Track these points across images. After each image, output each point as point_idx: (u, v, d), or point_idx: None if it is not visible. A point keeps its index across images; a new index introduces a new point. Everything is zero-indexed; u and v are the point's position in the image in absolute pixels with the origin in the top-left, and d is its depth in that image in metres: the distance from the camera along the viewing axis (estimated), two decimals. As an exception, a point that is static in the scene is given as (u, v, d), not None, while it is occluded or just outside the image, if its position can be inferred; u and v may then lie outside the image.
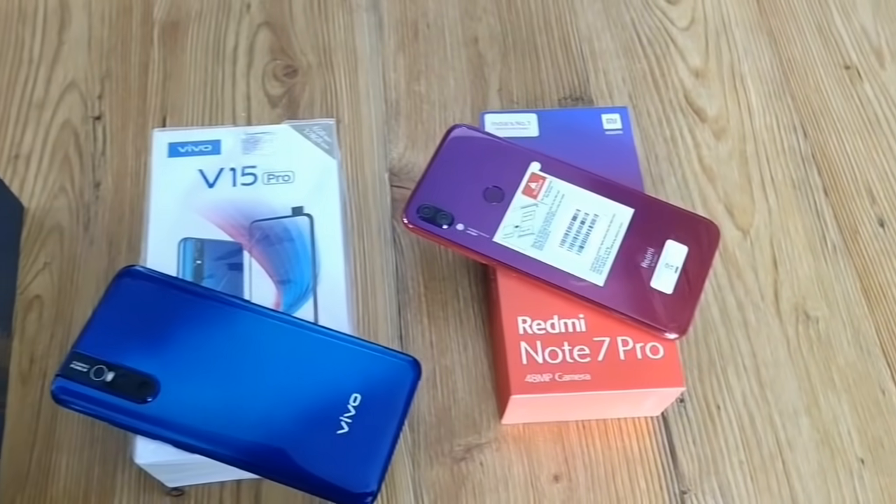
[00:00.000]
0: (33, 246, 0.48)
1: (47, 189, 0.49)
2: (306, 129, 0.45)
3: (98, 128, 0.52)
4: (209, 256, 0.41)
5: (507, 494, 0.42)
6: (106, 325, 0.38)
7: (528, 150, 0.45)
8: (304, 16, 0.57)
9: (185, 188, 0.43)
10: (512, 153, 0.45)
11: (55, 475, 0.42)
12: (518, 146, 0.45)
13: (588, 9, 0.59)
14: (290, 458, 0.36)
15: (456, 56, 0.56)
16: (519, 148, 0.45)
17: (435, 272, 0.48)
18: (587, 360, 0.40)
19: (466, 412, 0.44)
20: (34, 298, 0.46)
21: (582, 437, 0.44)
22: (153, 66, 0.54)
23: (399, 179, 0.51)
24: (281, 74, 0.55)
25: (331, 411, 0.37)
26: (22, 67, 0.54)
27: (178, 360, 0.37)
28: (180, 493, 0.42)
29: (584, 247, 0.42)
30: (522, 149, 0.45)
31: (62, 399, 0.37)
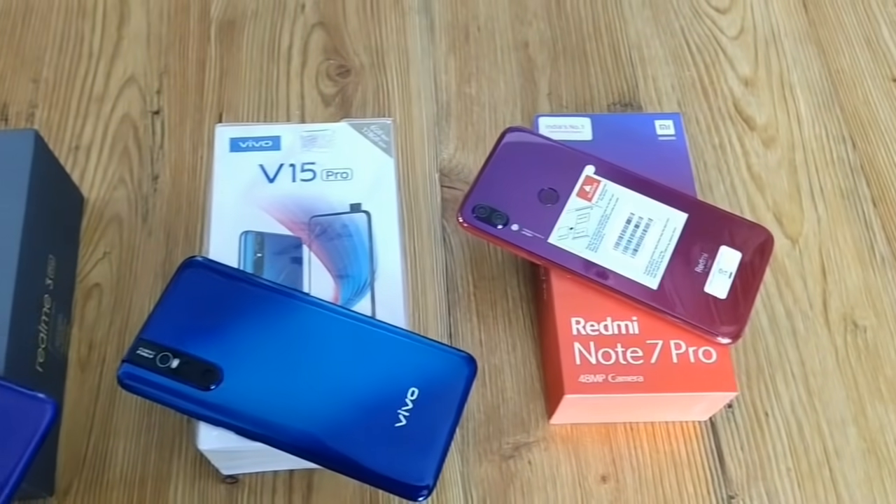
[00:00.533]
0: (93, 235, 0.49)
1: (107, 180, 0.51)
2: (364, 128, 0.46)
3: (156, 122, 0.53)
4: (269, 250, 0.42)
5: (555, 493, 0.43)
6: (171, 313, 0.39)
7: (582, 153, 0.45)
8: (357, 17, 0.58)
9: (246, 182, 0.44)
10: (566, 156, 0.45)
11: (112, 460, 0.43)
12: (573, 149, 0.45)
13: (637, 16, 0.59)
14: (349, 448, 0.37)
15: (506, 59, 0.57)
16: (573, 151, 0.45)
17: (484, 272, 0.49)
18: (640, 362, 0.40)
19: (515, 411, 0.45)
20: (93, 287, 0.47)
21: (630, 439, 0.44)
22: (210, 63, 0.55)
23: (449, 180, 0.52)
24: (334, 74, 0.56)
25: (389, 404, 0.37)
26: (82, 61, 0.55)
27: (240, 350, 0.38)
28: (234, 480, 0.42)
29: (637, 250, 0.42)
30: (577, 152, 0.45)
31: (127, 384, 0.38)
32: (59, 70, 0.54)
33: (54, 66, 0.54)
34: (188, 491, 0.42)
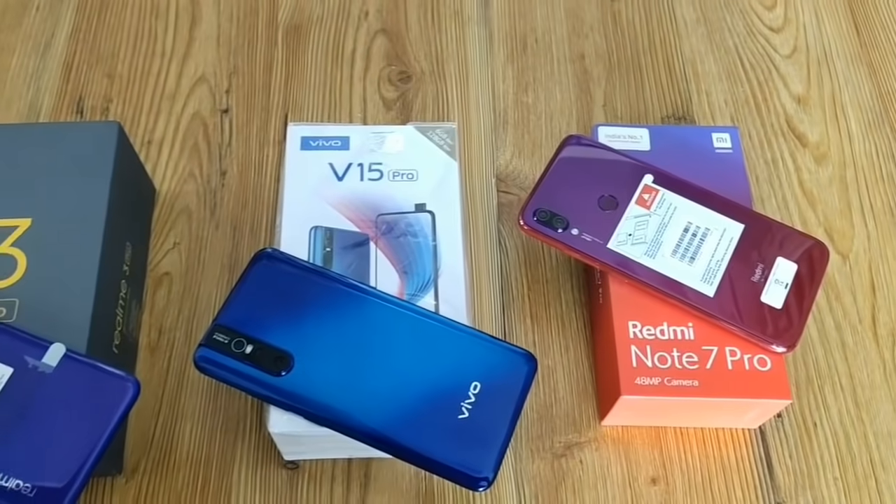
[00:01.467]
0: (164, 226, 0.51)
1: (177, 174, 0.53)
2: (429, 132, 0.48)
3: (225, 120, 0.55)
4: (338, 244, 0.44)
5: (605, 493, 0.44)
6: (245, 301, 0.41)
7: (641, 163, 0.46)
8: (418, 25, 0.60)
9: (315, 180, 0.46)
10: (626, 164, 0.46)
11: (179, 441, 0.44)
12: (632, 158, 0.47)
13: (692, 33, 0.60)
14: (413, 437, 0.38)
15: (562, 71, 0.58)
16: (633, 160, 0.47)
17: (538, 275, 0.50)
18: (695, 367, 0.42)
19: (567, 411, 0.46)
20: (163, 275, 0.49)
21: (680, 443, 0.45)
22: (277, 65, 0.57)
23: (506, 185, 0.53)
24: (395, 79, 0.57)
25: (453, 396, 0.39)
26: (155, 59, 0.57)
27: (311, 339, 0.40)
28: (295, 466, 0.44)
29: (695, 258, 0.43)
30: (636, 161, 0.46)
31: (203, 366, 0.39)
32: (133, 67, 0.57)
33: (128, 63, 0.57)
34: (251, 474, 0.43)
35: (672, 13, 0.61)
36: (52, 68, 0.56)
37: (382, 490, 0.43)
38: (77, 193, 0.42)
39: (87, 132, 0.44)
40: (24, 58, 0.56)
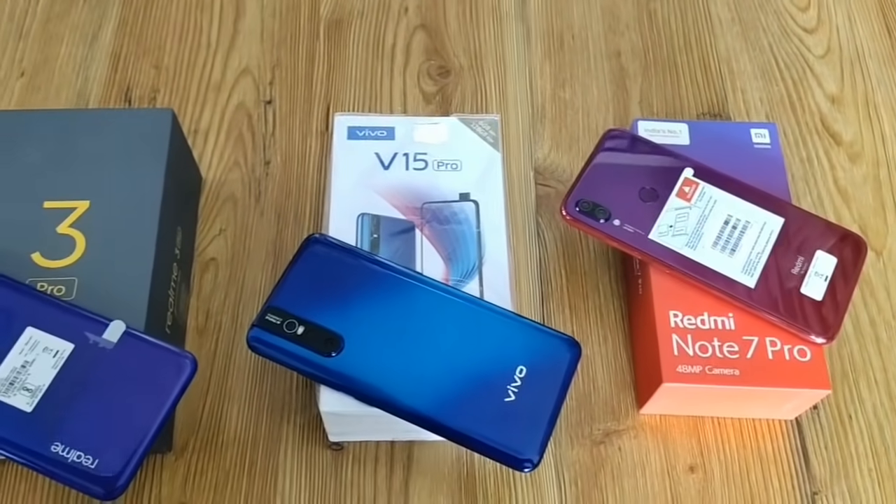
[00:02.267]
0: (210, 213, 0.52)
1: (223, 163, 0.54)
2: (473, 123, 0.48)
3: (269, 111, 0.56)
4: (385, 231, 0.45)
5: (644, 480, 0.44)
6: (296, 284, 0.42)
7: (681, 156, 0.47)
8: (457, 21, 0.61)
9: (362, 168, 0.47)
10: (666, 158, 0.47)
11: (226, 422, 0.45)
12: (672, 151, 0.47)
13: (727, 31, 0.61)
14: (461, 418, 0.39)
15: (599, 67, 0.59)
16: (673, 153, 0.47)
17: (576, 267, 0.51)
18: (736, 356, 0.42)
19: (605, 400, 0.47)
20: (210, 261, 0.50)
21: (717, 432, 0.46)
22: (319, 59, 0.58)
23: (544, 178, 0.54)
24: (435, 74, 0.58)
25: (499, 379, 0.40)
26: (200, 51, 0.58)
27: (360, 322, 0.41)
28: (340, 447, 0.45)
29: (735, 250, 0.44)
30: (676, 154, 0.47)
31: (255, 346, 0.40)
32: (179, 59, 0.58)
33: (175, 55, 0.58)
34: (296, 454, 0.44)
35: (707, 12, 0.62)
36: (100, 58, 0.57)
37: (425, 472, 0.44)
38: (133, 177, 0.44)
39: (143, 118, 0.46)
40: (73, 47, 0.58)
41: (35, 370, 0.37)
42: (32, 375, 0.37)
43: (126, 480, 0.35)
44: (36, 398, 0.36)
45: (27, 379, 0.37)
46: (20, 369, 0.37)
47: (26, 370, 0.37)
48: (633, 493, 0.44)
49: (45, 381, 0.37)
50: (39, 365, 0.37)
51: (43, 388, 0.37)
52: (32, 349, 0.37)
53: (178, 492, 0.43)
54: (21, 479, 0.43)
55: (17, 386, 0.37)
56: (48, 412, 0.36)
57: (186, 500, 0.43)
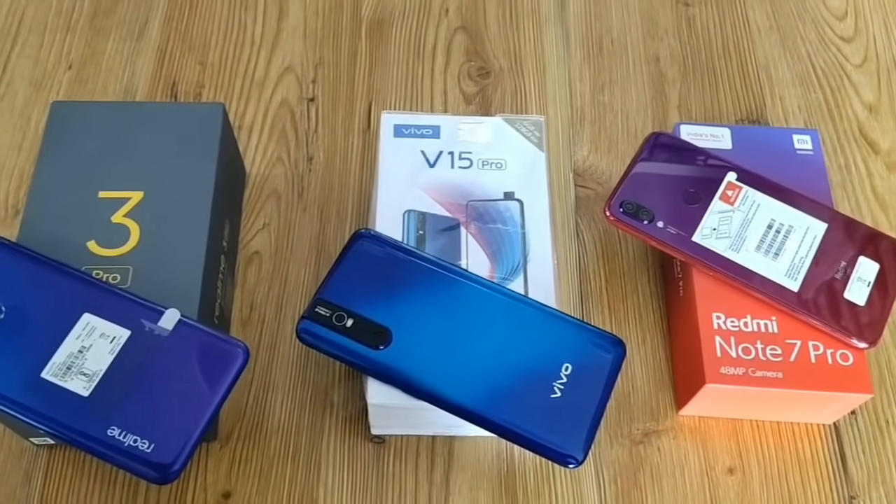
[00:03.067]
0: (254, 207, 0.52)
1: (266, 158, 0.54)
2: (517, 123, 0.49)
3: (311, 108, 0.57)
4: (430, 228, 0.45)
5: (683, 480, 0.45)
6: (345, 278, 0.42)
7: (724, 161, 0.47)
8: (497, 23, 0.61)
9: (408, 165, 0.47)
10: (709, 161, 0.48)
11: (270, 411, 0.46)
12: (715, 155, 0.48)
13: (765, 39, 0.62)
14: (508, 413, 0.39)
15: (637, 72, 0.60)
16: (716, 157, 0.48)
17: (615, 268, 0.51)
18: (779, 359, 0.42)
19: (644, 400, 0.47)
20: (254, 254, 0.51)
21: (756, 435, 0.46)
22: (360, 58, 0.59)
23: (583, 180, 0.55)
24: (475, 75, 0.59)
25: (545, 376, 0.40)
26: (244, 48, 0.59)
27: (407, 316, 0.41)
28: (381, 440, 0.45)
29: (779, 254, 0.45)
30: (719, 158, 0.48)
31: (305, 338, 0.41)
32: (224, 55, 0.59)
33: (219, 52, 0.59)
34: (339, 446, 0.45)
35: (745, 19, 0.63)
36: (147, 54, 0.58)
37: (465, 468, 0.45)
38: (185, 169, 0.44)
39: (194, 112, 0.46)
40: (119, 42, 0.59)
41: (92, 355, 0.38)
42: (89, 360, 0.38)
43: (181, 466, 0.36)
44: (93, 383, 0.37)
45: (84, 364, 0.37)
46: (77, 354, 0.38)
47: (83, 355, 0.38)
48: (672, 493, 0.44)
49: (101, 367, 0.37)
50: (96, 350, 0.38)
51: (100, 374, 0.37)
52: (89, 335, 0.38)
53: (222, 479, 0.44)
54: (68, 465, 0.44)
55: (74, 370, 0.37)
56: (105, 397, 0.37)
57: (231, 487, 0.43)
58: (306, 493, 0.44)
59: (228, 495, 0.43)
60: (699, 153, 0.48)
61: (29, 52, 0.58)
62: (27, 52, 0.58)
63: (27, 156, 0.53)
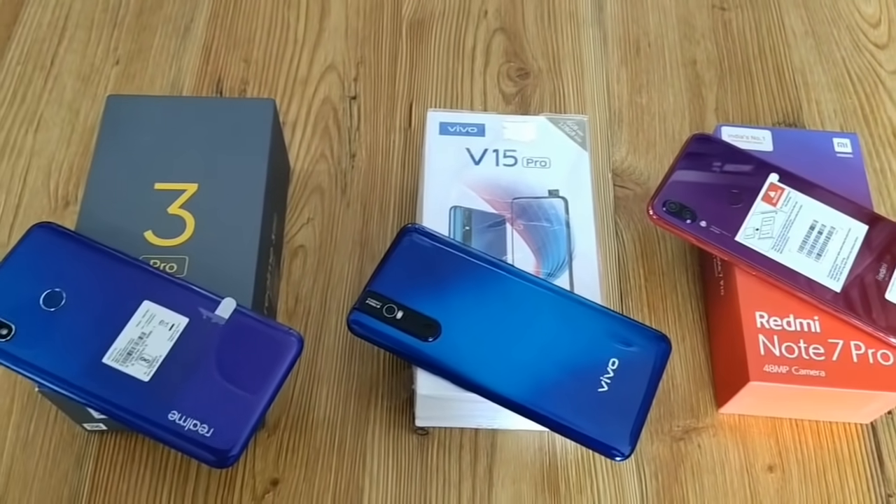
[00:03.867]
0: (298, 202, 0.53)
1: (310, 154, 0.55)
2: (561, 122, 0.50)
3: (353, 106, 0.58)
4: (476, 224, 0.46)
5: (723, 477, 0.45)
6: (394, 271, 0.43)
7: (766, 162, 0.48)
8: (535, 26, 0.62)
9: (454, 162, 0.48)
10: (751, 163, 0.48)
11: (316, 402, 0.47)
12: (757, 157, 0.48)
13: (801, 44, 0.62)
14: (556, 406, 0.40)
15: (675, 74, 0.60)
16: (759, 159, 0.48)
17: (654, 267, 0.52)
18: (822, 358, 0.43)
19: (684, 397, 0.48)
20: (298, 248, 0.52)
21: (794, 434, 0.46)
22: (401, 57, 0.60)
23: (622, 180, 0.55)
24: (514, 75, 0.60)
25: (593, 370, 0.41)
26: (287, 47, 0.60)
27: (456, 309, 0.42)
28: (425, 432, 0.46)
29: (821, 254, 0.45)
30: (761, 160, 0.48)
31: (355, 329, 0.42)
32: (268, 53, 0.60)
33: (263, 49, 0.60)
34: (383, 437, 0.46)
35: (781, 24, 0.63)
36: (193, 50, 0.59)
37: (508, 461, 0.45)
38: (237, 163, 0.45)
39: (246, 108, 0.47)
40: (165, 39, 0.60)
41: (151, 341, 0.39)
42: (149, 346, 0.38)
43: (239, 451, 0.37)
44: (153, 368, 0.38)
45: (144, 350, 0.38)
46: (137, 340, 0.39)
47: (143, 341, 0.39)
48: (712, 489, 0.45)
49: (161, 353, 0.38)
50: (156, 337, 0.39)
51: (159, 359, 0.38)
52: (149, 322, 0.39)
53: (270, 467, 0.44)
54: (119, 450, 0.45)
55: (134, 356, 0.38)
56: (165, 382, 0.38)
57: (279, 475, 0.44)
58: (352, 482, 0.44)
59: (276, 482, 0.44)
60: (741, 154, 0.49)
61: (76, 46, 0.59)
62: (75, 46, 0.59)
63: (76, 148, 0.54)
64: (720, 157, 0.49)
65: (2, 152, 0.54)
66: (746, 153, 0.49)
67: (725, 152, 0.49)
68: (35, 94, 0.57)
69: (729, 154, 0.49)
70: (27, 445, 0.44)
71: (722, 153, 0.49)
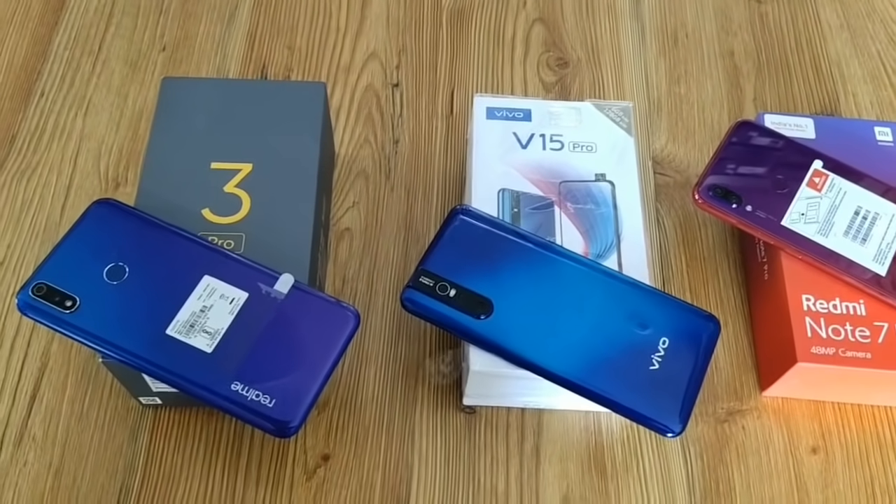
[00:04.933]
0: (343, 186, 0.54)
1: (354, 139, 0.56)
2: (606, 109, 0.50)
3: (396, 94, 0.58)
4: (524, 206, 0.47)
5: (768, 458, 0.46)
6: (446, 251, 0.44)
7: (810, 149, 0.49)
8: (574, 16, 0.63)
9: (501, 146, 0.49)
10: (795, 149, 0.49)
11: (364, 382, 0.47)
12: (801, 144, 0.49)
13: (837, 37, 0.63)
14: (609, 382, 0.40)
15: (713, 65, 0.61)
16: (802, 145, 0.49)
17: (696, 253, 0.53)
18: (867, 340, 0.43)
19: (728, 381, 0.48)
20: (344, 231, 0.52)
21: (838, 417, 0.47)
22: (442, 46, 0.61)
23: (662, 168, 0.56)
24: (553, 65, 0.60)
25: (644, 348, 0.41)
26: (330, 35, 0.61)
27: (508, 288, 0.43)
28: (472, 411, 0.47)
29: (867, 239, 0.46)
30: (805, 147, 0.49)
31: (409, 306, 0.42)
32: (311, 41, 0.60)
33: (306, 37, 0.61)
34: (431, 415, 0.46)
35: (817, 17, 0.64)
36: (237, 37, 0.60)
37: (554, 440, 0.46)
38: (291, 144, 0.46)
39: (298, 90, 0.48)
40: (210, 26, 0.61)
41: (213, 315, 0.39)
42: (211, 319, 0.39)
43: (300, 422, 0.37)
44: (215, 340, 0.39)
45: (206, 322, 0.39)
46: (199, 313, 0.39)
47: (205, 314, 0.39)
48: (757, 470, 0.45)
49: (222, 325, 0.39)
50: (217, 310, 0.39)
51: (221, 332, 0.39)
52: (210, 296, 0.40)
53: (321, 443, 0.45)
54: (174, 424, 0.45)
55: (197, 328, 0.39)
56: (227, 354, 0.38)
57: (330, 451, 0.45)
58: (402, 459, 0.45)
59: (327, 458, 0.45)
60: (785, 141, 0.49)
61: (123, 32, 0.60)
62: (122, 32, 0.60)
63: (125, 132, 0.55)
64: (764, 143, 0.49)
65: (52, 135, 0.55)
66: (790, 140, 0.49)
67: (769, 139, 0.49)
68: (84, 78, 0.57)
69: (773, 141, 0.49)
70: (82, 418, 0.45)
71: (766, 140, 0.49)
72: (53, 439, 0.44)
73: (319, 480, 0.44)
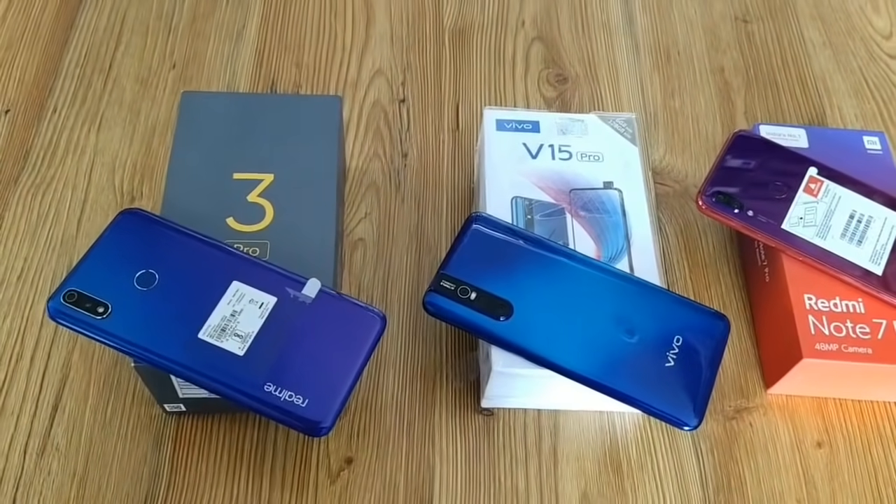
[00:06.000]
0: (355, 198, 0.55)
1: (364, 153, 0.57)
2: (611, 120, 0.52)
3: (402, 109, 0.60)
4: (537, 213, 0.48)
5: (776, 453, 0.47)
6: (464, 256, 0.45)
7: (805, 157, 0.51)
8: (570, 34, 0.65)
9: (512, 156, 0.50)
10: (791, 157, 0.51)
11: (384, 386, 0.48)
12: (796, 152, 0.51)
13: (820, 54, 0.66)
14: (627, 380, 0.42)
15: (704, 81, 0.63)
16: (797, 154, 0.51)
17: (697, 259, 0.55)
18: (868, 337, 0.46)
19: (734, 379, 0.50)
20: (358, 241, 0.53)
21: (839, 412, 0.49)
22: (445, 63, 0.63)
23: (661, 178, 0.58)
24: (553, 81, 0.63)
25: (659, 346, 0.43)
26: (336, 52, 0.62)
27: (526, 291, 0.44)
28: (490, 413, 0.48)
29: (862, 241, 0.48)
30: (800, 155, 0.51)
31: (430, 309, 0.44)
32: (318, 58, 0.62)
33: (313, 54, 0.62)
34: (450, 418, 0.47)
35: (801, 36, 0.67)
36: (246, 55, 0.61)
37: (571, 440, 0.47)
38: (310, 155, 0.47)
39: (315, 104, 0.49)
40: (219, 44, 0.62)
41: (243, 318, 0.40)
42: (241, 323, 0.40)
43: (333, 419, 0.38)
44: (246, 343, 0.39)
45: (237, 326, 0.40)
46: (230, 318, 0.40)
47: (235, 318, 0.40)
48: (766, 464, 0.47)
49: (253, 329, 0.40)
50: (247, 314, 0.40)
51: (252, 335, 0.40)
52: (239, 300, 0.41)
53: (344, 447, 0.46)
54: (197, 431, 0.46)
55: (228, 332, 0.40)
56: (258, 356, 0.39)
57: (353, 454, 0.46)
58: (423, 461, 0.46)
59: (351, 461, 0.45)
60: (781, 150, 0.52)
61: (133, 51, 0.61)
62: (131, 51, 0.61)
63: (139, 147, 0.56)
64: (761, 152, 0.52)
65: (66, 150, 0.56)
66: (786, 149, 0.52)
67: (766, 148, 0.52)
68: (95, 95, 0.58)
69: (769, 150, 0.52)
70: (105, 427, 0.45)
71: (763, 149, 0.52)
72: (77, 448, 0.45)
73: (344, 483, 0.45)
